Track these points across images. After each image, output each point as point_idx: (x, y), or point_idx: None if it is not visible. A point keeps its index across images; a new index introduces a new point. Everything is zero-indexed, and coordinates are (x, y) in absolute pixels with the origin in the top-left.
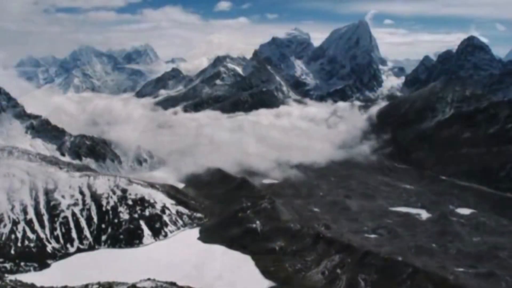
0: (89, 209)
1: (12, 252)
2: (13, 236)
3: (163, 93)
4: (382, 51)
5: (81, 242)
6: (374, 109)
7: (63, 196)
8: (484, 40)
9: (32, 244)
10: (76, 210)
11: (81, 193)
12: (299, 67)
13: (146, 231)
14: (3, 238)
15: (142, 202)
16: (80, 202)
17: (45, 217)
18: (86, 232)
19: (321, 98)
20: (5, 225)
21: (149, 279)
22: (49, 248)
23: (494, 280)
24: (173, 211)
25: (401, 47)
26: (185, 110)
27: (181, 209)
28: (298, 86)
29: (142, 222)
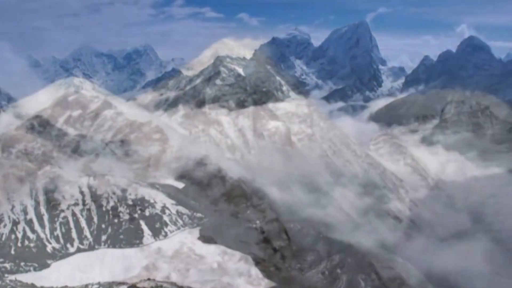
0: (89, 209)
1: (12, 252)
2: (13, 236)
3: (163, 93)
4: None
5: (81, 242)
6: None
7: (63, 196)
8: None
9: (32, 244)
10: (76, 210)
11: (81, 193)
12: (299, 67)
13: (146, 231)
14: (3, 238)
15: (142, 202)
16: (80, 202)
17: (45, 217)
18: (86, 232)
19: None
20: (5, 225)
21: (149, 279)
22: (49, 248)
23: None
24: (173, 211)
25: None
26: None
27: (181, 209)
28: (298, 86)
29: (142, 222)
